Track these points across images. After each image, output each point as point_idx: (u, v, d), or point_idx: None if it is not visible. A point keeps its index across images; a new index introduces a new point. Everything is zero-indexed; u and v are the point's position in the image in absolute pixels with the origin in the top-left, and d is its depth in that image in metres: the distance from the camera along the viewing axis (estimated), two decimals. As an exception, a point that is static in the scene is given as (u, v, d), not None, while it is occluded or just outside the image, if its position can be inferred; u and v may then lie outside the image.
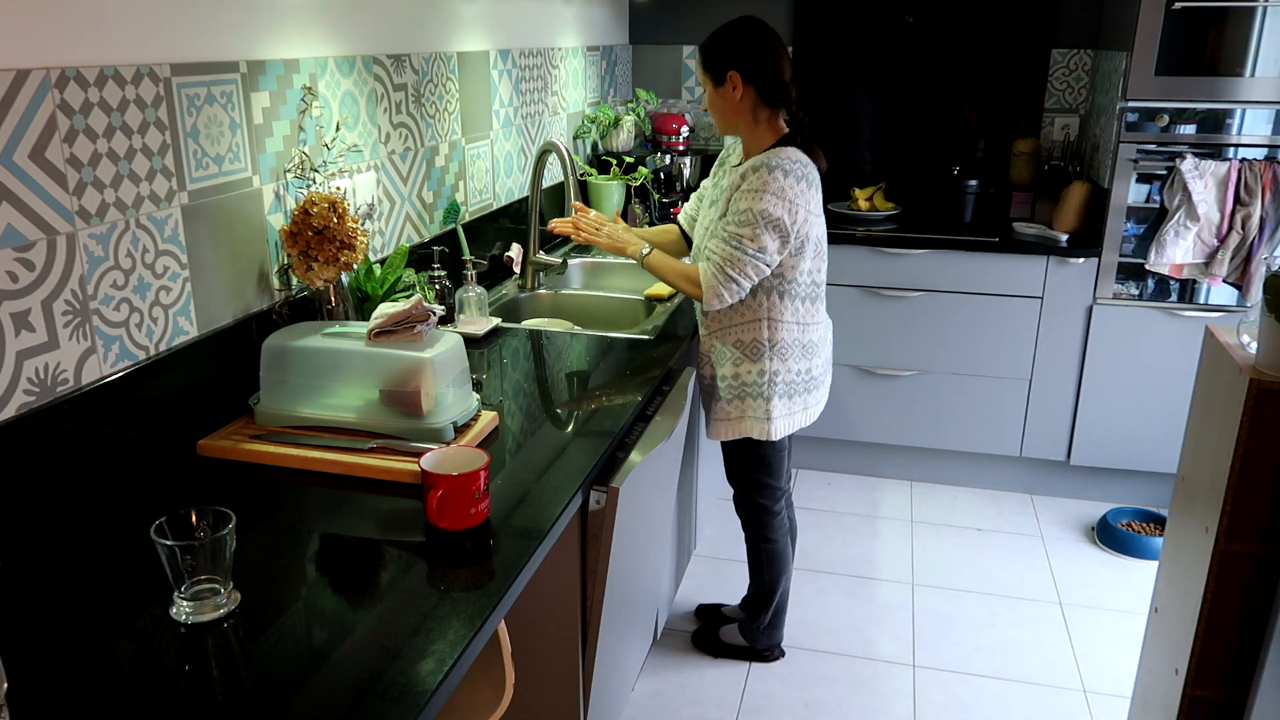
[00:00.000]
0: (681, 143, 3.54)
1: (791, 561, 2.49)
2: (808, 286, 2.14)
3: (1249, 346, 1.67)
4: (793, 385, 2.18)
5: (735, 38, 2.06)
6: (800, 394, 2.21)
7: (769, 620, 2.52)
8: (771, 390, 2.16)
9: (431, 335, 1.61)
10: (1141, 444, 3.27)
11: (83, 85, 1.35)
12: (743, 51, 2.04)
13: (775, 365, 2.15)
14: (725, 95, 2.07)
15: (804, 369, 2.19)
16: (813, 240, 2.10)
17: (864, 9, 3.61)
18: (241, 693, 1.03)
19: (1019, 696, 2.46)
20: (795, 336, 2.15)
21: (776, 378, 2.16)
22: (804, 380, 2.20)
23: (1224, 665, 1.70)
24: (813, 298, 2.16)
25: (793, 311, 2.13)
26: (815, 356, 2.21)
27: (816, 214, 2.10)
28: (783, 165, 2.01)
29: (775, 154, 2.04)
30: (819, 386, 2.26)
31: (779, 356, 2.15)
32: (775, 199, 1.99)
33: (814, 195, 2.08)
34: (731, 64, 2.05)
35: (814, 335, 2.19)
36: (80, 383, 1.40)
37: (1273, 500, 1.59)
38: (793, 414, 2.21)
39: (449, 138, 2.43)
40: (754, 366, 2.16)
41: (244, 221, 1.71)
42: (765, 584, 2.46)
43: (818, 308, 2.19)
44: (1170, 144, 3.01)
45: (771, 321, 2.13)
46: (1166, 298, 3.15)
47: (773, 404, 2.17)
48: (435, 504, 1.33)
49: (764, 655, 2.57)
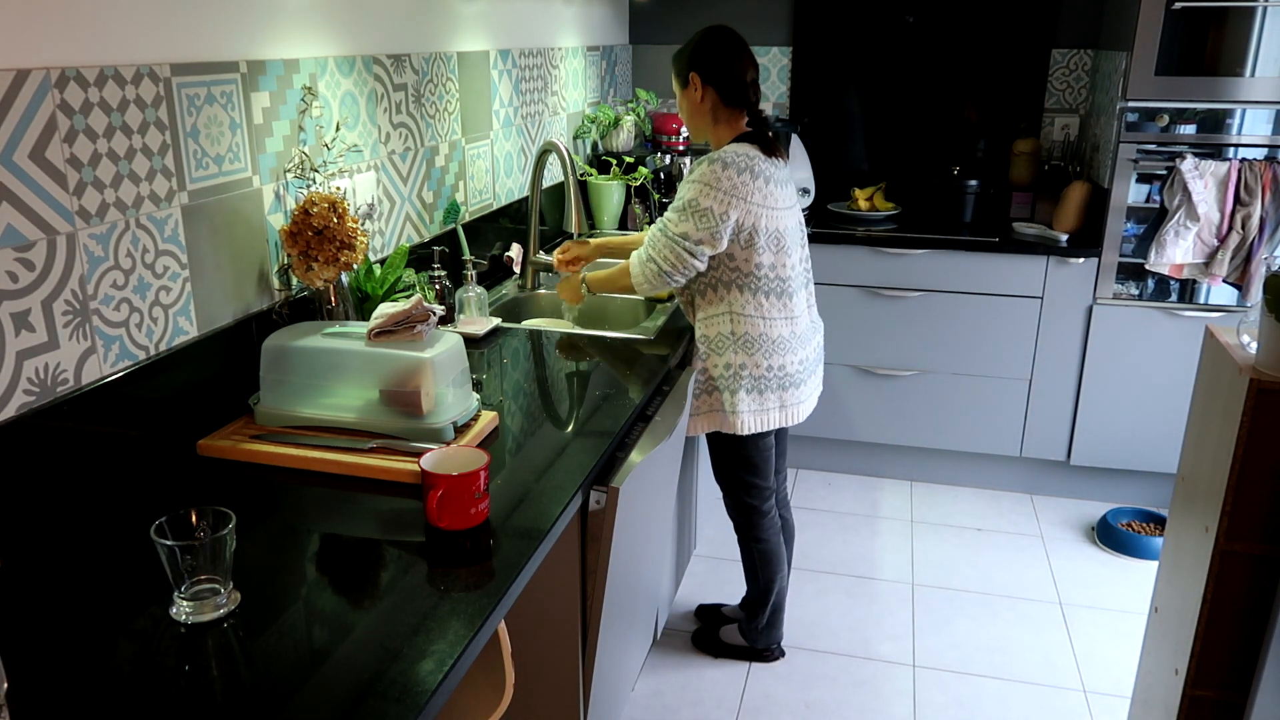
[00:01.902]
0: (681, 143, 3.54)
1: (787, 561, 2.50)
2: (771, 281, 2.13)
3: (1249, 346, 1.67)
4: (762, 380, 2.17)
5: (697, 43, 2.14)
6: (773, 390, 2.19)
7: (767, 620, 2.53)
8: (737, 384, 2.16)
9: (431, 335, 1.61)
10: (1141, 444, 3.27)
11: (83, 85, 1.35)
12: (702, 55, 2.12)
13: (741, 359, 2.16)
14: (689, 97, 2.16)
15: (775, 365, 2.17)
16: (765, 232, 2.09)
17: (864, 9, 3.62)
18: (241, 693, 1.03)
19: (1019, 696, 2.46)
20: (761, 331, 2.15)
21: (743, 371, 2.16)
22: (776, 376, 2.18)
23: (1224, 665, 1.70)
24: (778, 292, 2.15)
25: (755, 305, 2.14)
26: (788, 353, 2.19)
27: (770, 207, 2.09)
28: (724, 158, 2.05)
29: (723, 149, 2.08)
30: (797, 385, 2.22)
31: (744, 350, 2.15)
32: (707, 188, 2.04)
33: (765, 187, 2.08)
34: (692, 66, 2.13)
35: (783, 330, 2.17)
36: (80, 383, 1.40)
37: (1273, 500, 1.59)
38: (766, 410, 2.20)
39: (449, 138, 2.43)
40: (719, 360, 2.17)
41: (244, 221, 1.71)
42: (760, 584, 2.47)
43: (785, 302, 2.16)
44: (1170, 144, 3.01)
45: (734, 315, 2.14)
46: (1166, 298, 3.15)
47: (738, 397, 2.17)
48: (435, 504, 1.33)
49: (764, 655, 2.58)
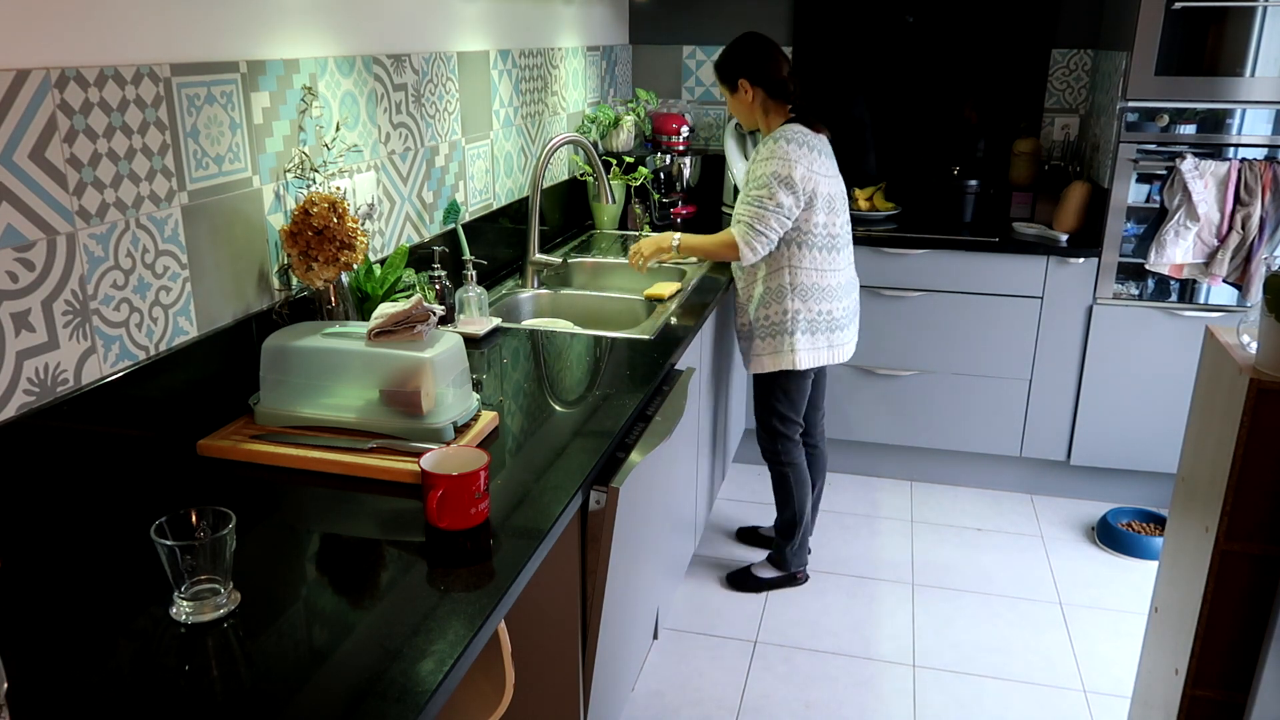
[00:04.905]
0: (681, 143, 3.53)
1: (812, 488, 2.84)
2: (823, 238, 2.52)
3: (1249, 346, 1.67)
4: (815, 323, 2.57)
5: (740, 51, 2.54)
6: (824, 332, 2.59)
7: (799, 542, 2.83)
8: (795, 326, 2.56)
9: (431, 335, 1.61)
10: (1141, 444, 3.27)
11: (83, 85, 1.35)
12: (747, 61, 2.53)
13: (798, 305, 2.55)
14: (740, 99, 2.57)
15: (825, 310, 2.57)
16: (821, 195, 2.48)
17: (864, 10, 3.61)
18: (241, 693, 1.03)
19: (1019, 696, 2.46)
20: (815, 281, 2.54)
21: (799, 316, 2.55)
22: (826, 320, 2.58)
23: (1224, 665, 1.70)
24: (828, 247, 2.53)
25: (810, 259, 2.52)
26: (836, 300, 2.58)
27: (822, 174, 2.49)
28: (784, 135, 2.46)
29: (780, 130, 2.49)
30: (842, 328, 2.62)
31: (800, 298, 2.54)
32: (780, 161, 2.43)
33: (817, 158, 2.48)
34: (740, 73, 2.53)
35: (832, 280, 2.56)
36: (80, 383, 1.40)
37: (1273, 500, 1.59)
38: (817, 349, 2.59)
39: (449, 138, 2.43)
40: (779, 307, 2.56)
41: (244, 221, 1.71)
42: (792, 506, 2.78)
43: (833, 257, 2.55)
44: (1170, 144, 3.01)
45: (792, 269, 2.53)
46: (1166, 298, 3.15)
47: (796, 338, 2.57)
48: (435, 504, 1.33)
49: (796, 578, 2.88)
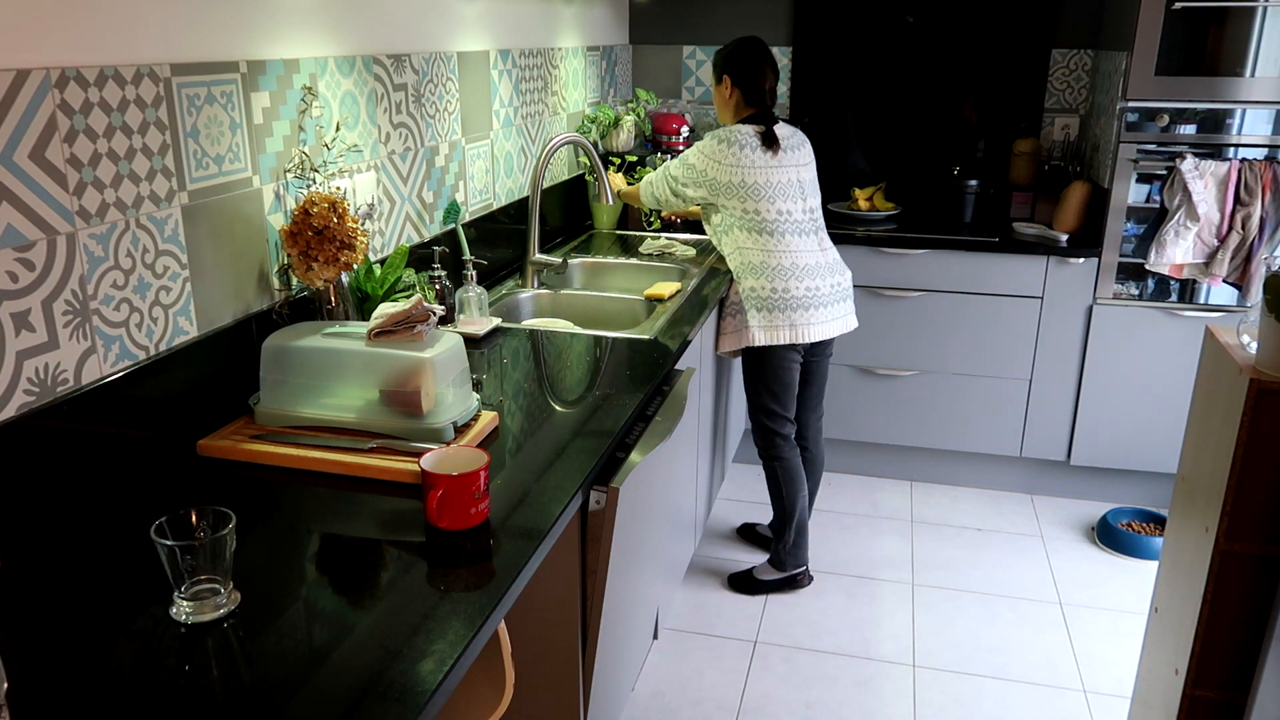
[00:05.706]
0: (681, 143, 3.54)
1: (805, 485, 2.82)
2: (758, 222, 2.61)
3: (1249, 346, 1.67)
4: (768, 301, 2.61)
5: (737, 51, 2.67)
6: (780, 310, 2.61)
7: (793, 539, 2.82)
8: (750, 304, 2.63)
9: (431, 335, 1.61)
10: (1141, 444, 3.27)
11: (83, 85, 1.35)
12: (736, 62, 2.66)
13: (752, 283, 2.63)
14: (720, 92, 2.71)
15: (779, 288, 2.61)
16: (744, 186, 2.59)
17: (864, 9, 3.61)
18: (241, 693, 1.03)
19: (1019, 696, 2.46)
20: (762, 260, 2.61)
21: (753, 293, 2.62)
22: (783, 298, 2.61)
23: (1224, 665, 1.70)
24: (769, 231, 2.61)
25: (753, 240, 2.62)
26: (792, 279, 2.62)
27: (747, 166, 2.58)
28: (718, 133, 2.62)
29: (723, 128, 2.64)
30: (805, 308, 2.63)
31: (751, 275, 2.63)
32: (698, 153, 2.63)
33: (744, 154, 2.58)
34: (728, 69, 2.66)
35: (782, 261, 2.62)
36: (80, 383, 1.40)
37: (1273, 500, 1.59)
38: (775, 327, 2.62)
39: (449, 138, 2.43)
40: (743, 285, 2.64)
41: (244, 221, 1.71)
42: (785, 502, 2.79)
43: (778, 240, 2.62)
44: (1170, 144, 3.01)
45: (740, 249, 2.65)
46: (1166, 298, 3.15)
47: (750, 315, 2.62)
48: (435, 504, 1.33)
49: (798, 580, 2.87)
